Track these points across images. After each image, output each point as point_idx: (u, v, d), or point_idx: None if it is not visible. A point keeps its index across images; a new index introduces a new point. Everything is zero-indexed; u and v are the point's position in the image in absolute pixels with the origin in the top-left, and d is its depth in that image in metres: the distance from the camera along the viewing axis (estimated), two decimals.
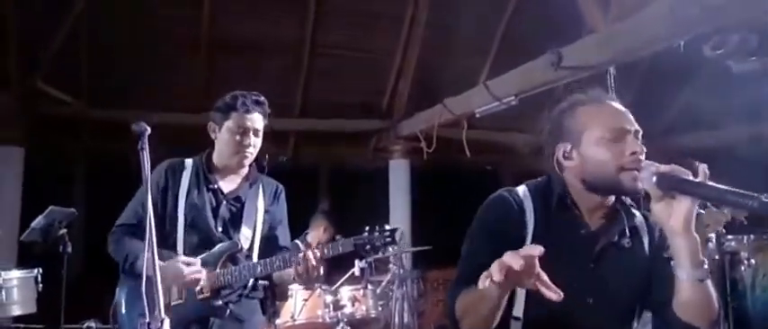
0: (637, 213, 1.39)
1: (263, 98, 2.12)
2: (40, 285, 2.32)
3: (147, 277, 1.45)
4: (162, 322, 1.33)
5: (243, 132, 2.05)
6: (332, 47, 5.79)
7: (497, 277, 1.03)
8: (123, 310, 2.00)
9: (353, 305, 3.49)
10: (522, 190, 1.40)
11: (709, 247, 3.20)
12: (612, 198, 1.35)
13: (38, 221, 2.32)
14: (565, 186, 1.35)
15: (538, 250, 1.06)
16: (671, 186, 1.14)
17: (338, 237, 4.29)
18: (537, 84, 3.79)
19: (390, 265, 3.77)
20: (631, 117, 1.32)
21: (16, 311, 2.24)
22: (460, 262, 1.38)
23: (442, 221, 7.49)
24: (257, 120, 2.08)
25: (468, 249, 1.38)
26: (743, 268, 3.21)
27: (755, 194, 1.05)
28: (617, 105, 1.34)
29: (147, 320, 1.31)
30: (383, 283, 3.85)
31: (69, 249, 2.43)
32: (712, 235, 3.22)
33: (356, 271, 3.51)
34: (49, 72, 5.14)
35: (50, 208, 2.37)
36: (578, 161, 1.31)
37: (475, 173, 6.90)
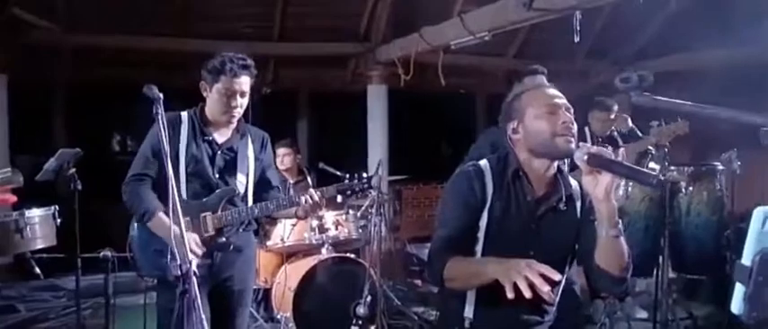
0: (573, 182, 1.69)
1: (249, 61, 2.29)
2: (59, 220, 2.60)
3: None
4: (190, 262, 1.63)
5: (231, 94, 2.25)
6: None
7: (510, 294, 1.29)
8: (137, 246, 2.29)
9: (337, 228, 3.86)
10: (483, 163, 1.69)
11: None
12: (555, 169, 1.65)
13: (50, 163, 2.53)
14: (519, 161, 1.65)
15: (546, 289, 1.29)
16: (597, 164, 1.42)
17: (321, 165, 4.58)
18: (509, 21, 3.98)
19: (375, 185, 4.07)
20: (563, 97, 1.62)
21: (40, 244, 2.52)
22: (439, 224, 1.68)
23: (419, 143, 7.85)
24: (244, 83, 2.27)
25: (444, 214, 1.67)
26: (681, 195, 3.63)
27: (654, 173, 1.38)
28: (552, 90, 1.65)
29: (179, 262, 1.61)
30: (363, 207, 4.19)
31: (80, 186, 2.65)
32: (657, 167, 3.62)
33: (339, 198, 3.82)
34: None
35: (61, 150, 2.57)
36: (523, 133, 1.62)
37: (449, 96, 7.15)
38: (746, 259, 1.09)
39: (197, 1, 5.70)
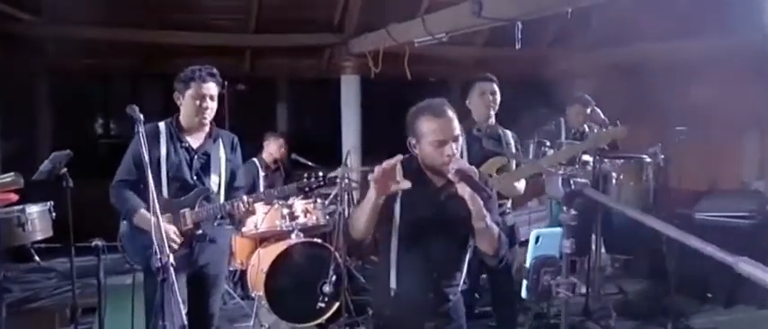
0: None
1: (215, 70, 2.67)
2: (54, 214, 2.94)
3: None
4: (169, 256, 2.01)
5: (201, 98, 2.62)
6: None
7: (376, 175, 1.77)
8: (126, 239, 2.67)
9: (306, 215, 4.24)
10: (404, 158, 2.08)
11: (587, 169, 4.04)
12: None
13: (45, 164, 2.85)
14: (420, 162, 2.05)
15: (397, 158, 1.79)
16: (460, 177, 1.87)
17: (294, 155, 4.95)
18: (463, 25, 4.34)
19: (337, 180, 4.43)
20: (454, 126, 1.98)
21: (39, 236, 2.88)
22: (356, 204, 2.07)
23: (390, 129, 8.16)
24: (212, 88, 2.65)
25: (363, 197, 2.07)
26: (612, 184, 4.08)
27: (489, 188, 1.84)
28: (448, 117, 1.98)
29: (159, 256, 1.98)
30: (331, 196, 4.58)
31: (71, 184, 2.98)
32: (590, 159, 4.06)
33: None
34: None
35: (54, 153, 2.89)
36: (419, 151, 2.02)
37: (420, 84, 7.48)
38: (527, 263, 1.61)
39: None
